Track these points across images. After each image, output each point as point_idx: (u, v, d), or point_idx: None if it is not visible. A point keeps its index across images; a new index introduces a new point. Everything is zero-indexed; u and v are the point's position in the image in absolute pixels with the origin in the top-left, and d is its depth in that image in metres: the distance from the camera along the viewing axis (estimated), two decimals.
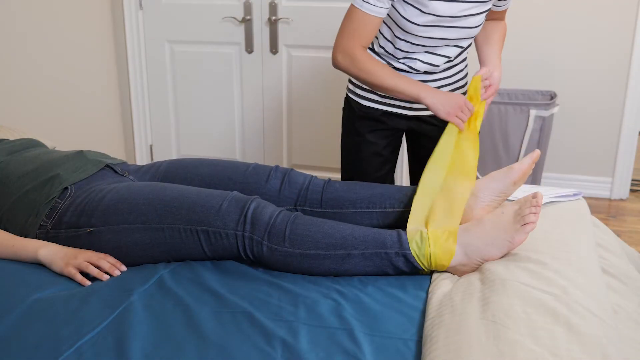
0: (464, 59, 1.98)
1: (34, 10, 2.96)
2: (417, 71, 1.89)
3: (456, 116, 1.72)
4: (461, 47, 1.86)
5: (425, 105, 1.75)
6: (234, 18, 3.40)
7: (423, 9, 1.71)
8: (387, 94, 1.80)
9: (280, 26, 3.37)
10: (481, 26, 1.83)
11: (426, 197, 1.57)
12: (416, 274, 1.44)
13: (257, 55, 3.45)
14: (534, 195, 1.40)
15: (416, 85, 1.75)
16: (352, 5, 1.75)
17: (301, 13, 3.32)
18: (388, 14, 1.78)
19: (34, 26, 2.97)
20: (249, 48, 3.44)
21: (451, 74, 1.94)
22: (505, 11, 1.98)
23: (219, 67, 3.53)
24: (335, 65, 1.82)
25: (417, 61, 1.86)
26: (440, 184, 1.60)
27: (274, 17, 3.34)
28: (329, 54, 3.35)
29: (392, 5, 1.74)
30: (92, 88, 3.42)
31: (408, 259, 1.41)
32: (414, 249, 1.41)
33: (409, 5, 1.73)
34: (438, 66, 1.88)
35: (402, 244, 1.41)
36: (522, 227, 1.37)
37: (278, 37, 3.39)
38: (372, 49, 1.92)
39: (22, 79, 2.93)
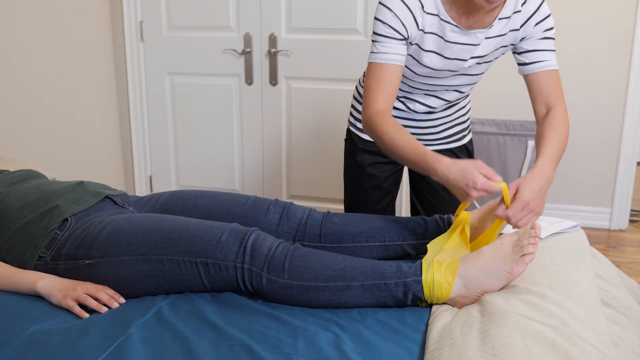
0: (467, 95, 1.99)
1: (36, 40, 2.99)
2: (416, 112, 1.90)
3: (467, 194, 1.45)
4: (461, 92, 1.86)
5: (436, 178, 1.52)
6: (234, 50, 3.44)
7: (420, 61, 1.71)
8: (400, 161, 1.62)
9: (280, 58, 3.41)
10: (483, 74, 1.80)
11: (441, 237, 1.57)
12: (416, 306, 1.44)
13: (256, 87, 3.48)
14: (533, 226, 1.41)
15: (425, 160, 1.51)
16: (369, 63, 1.68)
17: (300, 45, 3.36)
18: None
19: (36, 56, 3.00)
20: (249, 80, 3.47)
21: (451, 112, 1.95)
22: (554, 77, 1.66)
23: (218, 99, 3.56)
24: (363, 127, 1.70)
25: (416, 103, 1.87)
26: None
27: (273, 50, 3.38)
28: (328, 86, 3.38)
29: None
30: (92, 119, 3.44)
31: (408, 288, 1.40)
32: (425, 272, 1.40)
33: (408, 56, 1.72)
34: (436, 108, 1.89)
35: (402, 274, 1.41)
36: (521, 258, 1.37)
37: (277, 69, 3.42)
38: None
39: (23, 110, 2.95)
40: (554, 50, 1.69)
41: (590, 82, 3.31)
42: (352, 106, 2.04)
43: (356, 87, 2.04)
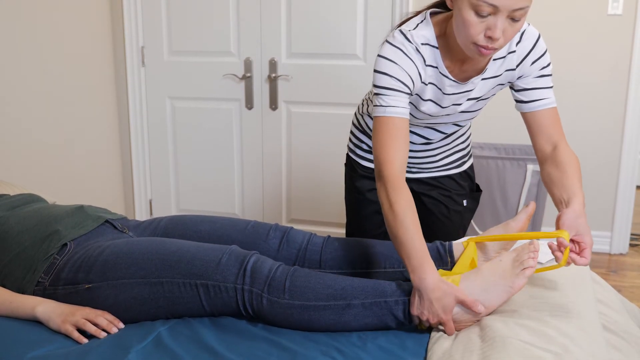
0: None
1: (38, 64, 3.01)
2: (413, 142, 1.89)
3: (426, 318, 1.40)
4: (460, 126, 1.86)
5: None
6: (235, 75, 3.46)
7: (418, 108, 1.71)
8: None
9: (280, 83, 3.43)
10: (482, 108, 1.79)
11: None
12: (416, 329, 1.43)
13: (257, 111, 3.50)
14: (531, 242, 1.42)
15: (419, 262, 1.40)
16: (375, 117, 1.58)
17: (300, 70, 3.38)
18: None
19: (38, 79, 3.02)
20: (249, 104, 3.49)
21: (450, 141, 1.94)
22: (554, 115, 1.64)
23: (219, 123, 3.58)
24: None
25: (414, 134, 1.86)
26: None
27: (273, 75, 3.40)
28: (328, 110, 3.40)
29: None
30: (93, 142, 3.45)
31: (407, 306, 1.40)
32: None
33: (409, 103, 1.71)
34: (433, 139, 1.88)
35: (402, 291, 1.42)
36: (521, 272, 1.38)
37: (278, 93, 3.44)
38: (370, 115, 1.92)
39: (24, 133, 2.96)
40: (551, 87, 1.66)
41: (589, 108, 3.33)
42: (351, 132, 2.05)
43: (355, 114, 2.04)
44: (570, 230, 1.45)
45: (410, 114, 1.74)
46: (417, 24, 1.60)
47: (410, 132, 1.86)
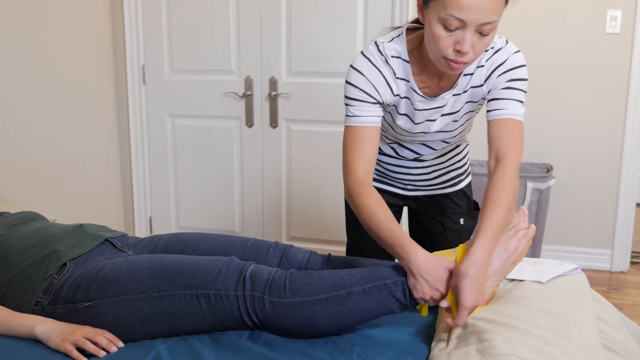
0: (459, 144, 1.95)
1: (39, 83, 3.03)
2: (405, 157, 1.90)
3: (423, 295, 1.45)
4: (447, 143, 1.84)
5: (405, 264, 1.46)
6: (235, 93, 3.48)
7: (395, 121, 1.72)
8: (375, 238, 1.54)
9: (280, 101, 3.44)
10: (466, 125, 1.77)
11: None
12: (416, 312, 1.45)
13: (257, 129, 3.51)
14: (520, 207, 1.52)
15: (402, 246, 1.45)
16: (345, 126, 1.63)
17: (300, 89, 3.40)
18: None
19: (38, 98, 3.03)
20: (249, 122, 3.50)
21: (445, 159, 1.93)
22: (509, 127, 1.55)
23: (219, 141, 3.59)
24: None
25: (404, 149, 1.86)
26: None
27: (273, 93, 3.42)
28: (327, 128, 3.41)
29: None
30: (94, 160, 3.46)
31: (406, 286, 1.44)
32: None
33: (387, 113, 1.72)
34: (424, 155, 1.87)
35: (400, 272, 1.46)
36: (515, 234, 1.46)
37: (278, 111, 3.45)
38: None
39: (25, 152, 2.97)
40: (520, 101, 1.57)
41: (588, 126, 3.34)
42: None
43: None
44: (454, 290, 1.41)
45: (390, 126, 1.76)
46: (393, 38, 1.64)
47: (402, 146, 1.86)
